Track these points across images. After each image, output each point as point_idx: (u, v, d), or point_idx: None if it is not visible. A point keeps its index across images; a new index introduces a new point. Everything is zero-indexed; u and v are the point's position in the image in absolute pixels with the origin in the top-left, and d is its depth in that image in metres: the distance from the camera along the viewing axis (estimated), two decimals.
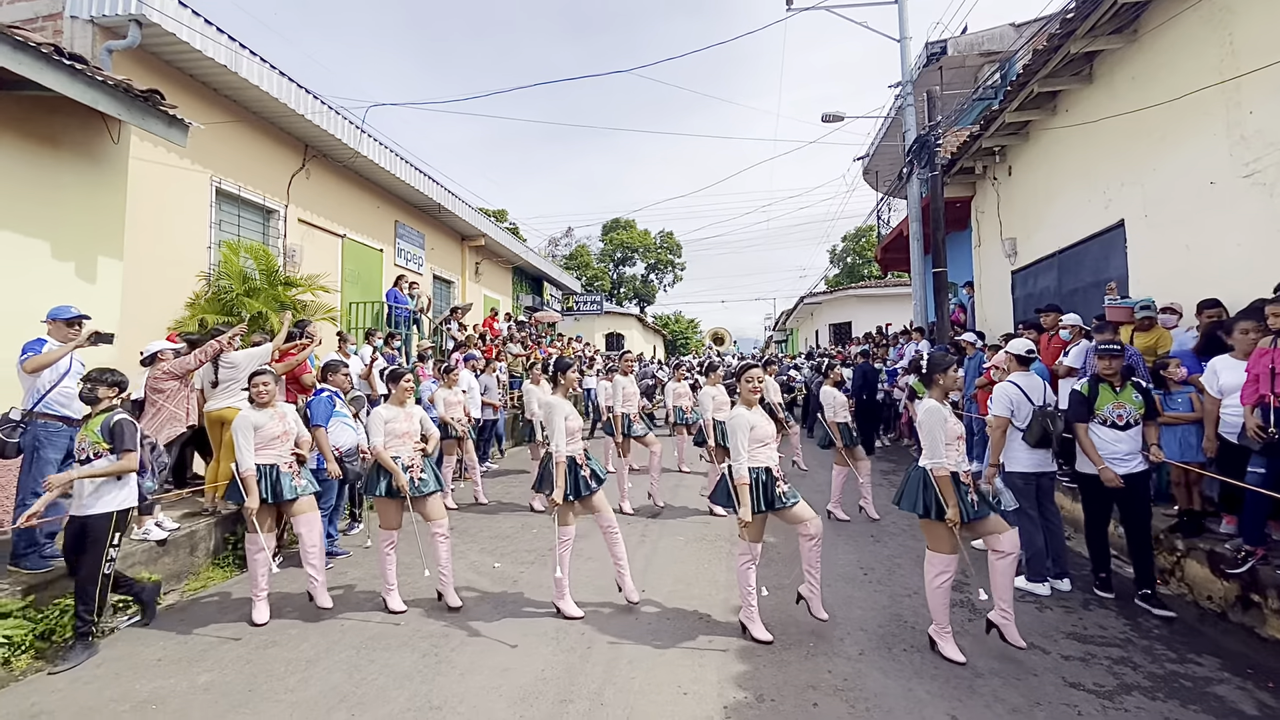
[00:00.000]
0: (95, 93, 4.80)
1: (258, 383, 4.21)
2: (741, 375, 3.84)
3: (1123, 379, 4.16)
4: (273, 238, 8.28)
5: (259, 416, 4.18)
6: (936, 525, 3.41)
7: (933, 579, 3.44)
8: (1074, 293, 7.75)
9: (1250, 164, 5.06)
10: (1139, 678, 3.20)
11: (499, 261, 16.56)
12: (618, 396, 7.03)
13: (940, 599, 3.43)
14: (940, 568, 3.42)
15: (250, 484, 4.02)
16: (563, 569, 4.02)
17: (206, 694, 3.18)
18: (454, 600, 4.19)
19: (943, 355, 3.72)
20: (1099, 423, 4.12)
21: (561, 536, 4.03)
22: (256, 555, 4.07)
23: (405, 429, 4.33)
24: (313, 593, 4.20)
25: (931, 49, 11.17)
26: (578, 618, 3.94)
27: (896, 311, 18.88)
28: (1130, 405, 4.08)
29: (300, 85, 7.81)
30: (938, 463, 3.39)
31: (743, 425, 3.66)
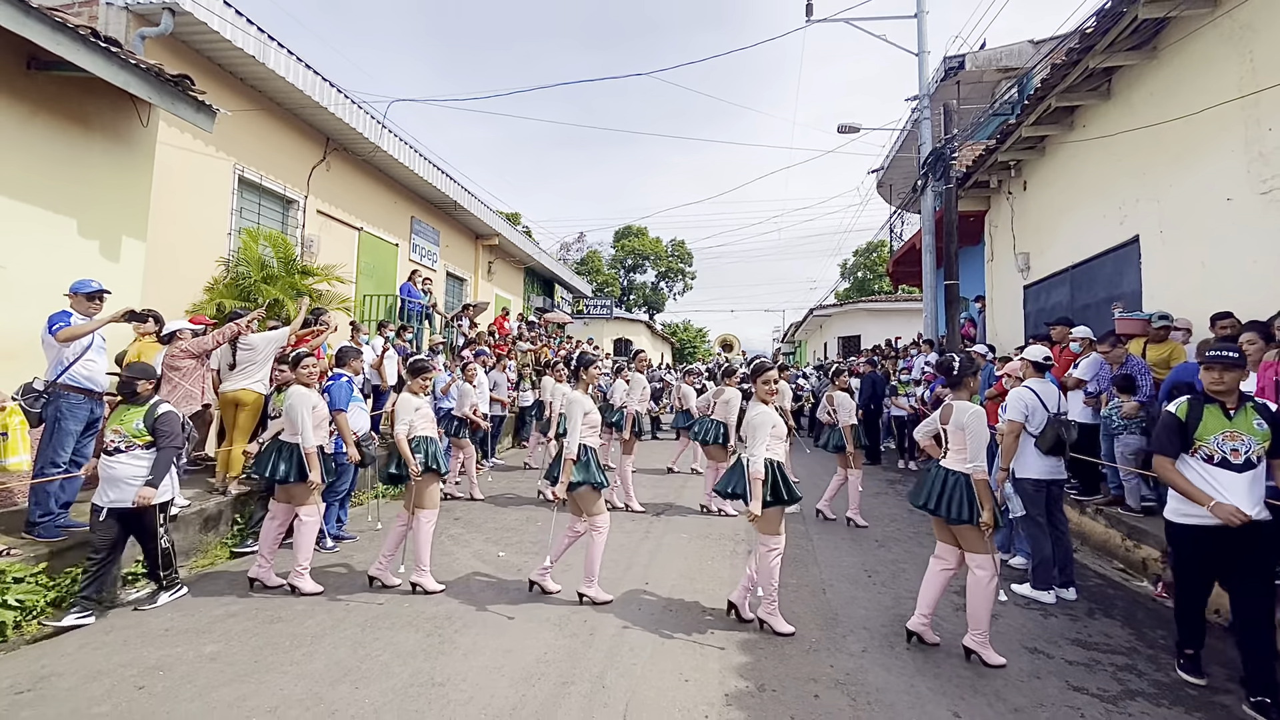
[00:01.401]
0: (128, 75, 4.91)
1: (307, 364, 4.41)
2: (758, 376, 3.86)
3: (1240, 399, 3.07)
4: (291, 227, 8.40)
5: (314, 396, 4.38)
6: (975, 529, 3.33)
7: (987, 585, 3.31)
8: (1086, 308, 7.73)
9: (1268, 180, 5.06)
10: (1144, 684, 3.18)
11: (511, 262, 16.67)
12: (635, 394, 7.06)
13: (990, 603, 3.33)
14: (991, 571, 3.32)
15: (314, 459, 4.21)
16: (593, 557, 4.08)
17: (213, 663, 3.21)
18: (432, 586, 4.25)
19: (971, 358, 3.70)
20: (1202, 458, 3.02)
21: (596, 526, 4.08)
22: (313, 527, 4.26)
23: (430, 413, 4.51)
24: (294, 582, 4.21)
25: (949, 63, 11.22)
26: (606, 601, 4.02)
27: (906, 325, 18.84)
28: (1250, 436, 2.96)
29: (325, 78, 7.95)
30: (979, 467, 3.34)
31: (766, 421, 3.66)
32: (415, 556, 4.23)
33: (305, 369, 4.39)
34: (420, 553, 4.22)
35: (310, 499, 4.27)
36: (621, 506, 6.61)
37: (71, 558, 3.97)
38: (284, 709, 2.79)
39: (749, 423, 3.76)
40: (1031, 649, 3.55)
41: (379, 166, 10.17)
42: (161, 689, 2.95)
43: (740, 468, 3.70)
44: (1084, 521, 5.64)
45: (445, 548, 5.21)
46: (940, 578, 3.54)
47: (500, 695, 2.93)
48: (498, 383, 8.77)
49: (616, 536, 5.57)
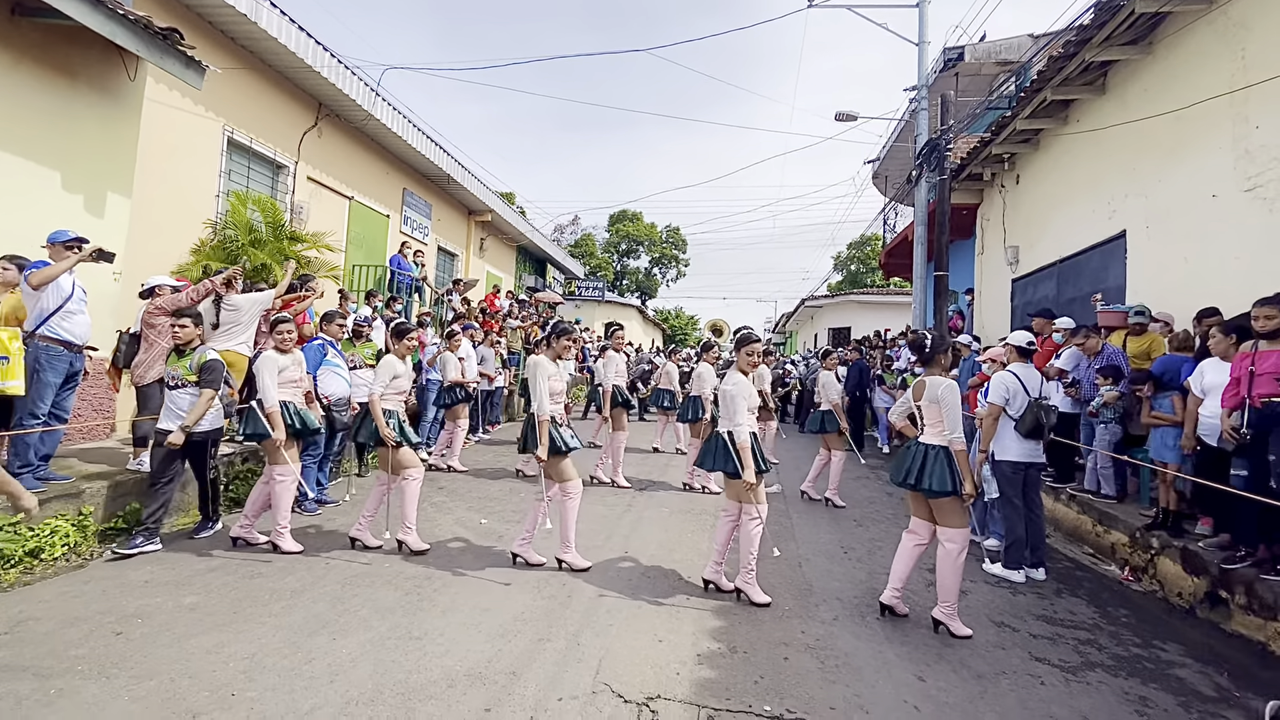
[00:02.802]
0: (115, 25, 4.82)
1: (282, 330, 4.45)
2: (742, 346, 3.88)
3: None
4: (281, 192, 8.30)
5: (283, 360, 4.41)
6: (955, 502, 3.41)
7: (957, 556, 3.40)
8: (1072, 302, 7.83)
9: (1253, 178, 5.13)
10: (1103, 657, 3.28)
11: (504, 239, 16.58)
12: (609, 371, 7.08)
13: (958, 576, 3.41)
14: (962, 544, 3.41)
15: (276, 418, 4.23)
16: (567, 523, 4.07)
17: (192, 613, 3.23)
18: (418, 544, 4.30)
19: (942, 336, 3.77)
20: None
21: (567, 492, 4.07)
22: (289, 485, 4.29)
23: (405, 385, 4.49)
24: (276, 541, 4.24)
25: (949, 54, 11.21)
26: (585, 568, 4.06)
27: (896, 318, 18.95)
28: None
29: (318, 41, 7.82)
30: (959, 438, 3.41)
31: (743, 391, 3.70)
32: (401, 514, 4.26)
33: (280, 334, 4.43)
34: (406, 510, 4.26)
35: (279, 458, 4.28)
36: (607, 481, 6.67)
37: (51, 509, 3.96)
38: (261, 656, 2.82)
39: (724, 393, 3.76)
40: (998, 623, 3.64)
41: (372, 135, 10.05)
42: (139, 635, 2.97)
43: (717, 442, 3.74)
44: (1057, 507, 5.76)
45: (428, 514, 5.24)
46: (913, 552, 3.61)
47: (476, 649, 2.97)
48: (485, 357, 8.77)
49: (598, 509, 5.64)
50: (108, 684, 2.55)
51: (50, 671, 2.62)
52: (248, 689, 2.56)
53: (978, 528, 5.28)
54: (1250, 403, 3.67)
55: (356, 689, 2.60)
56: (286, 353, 4.46)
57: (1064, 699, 2.86)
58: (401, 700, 2.53)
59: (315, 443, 5.24)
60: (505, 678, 2.74)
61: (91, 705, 2.41)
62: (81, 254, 4.22)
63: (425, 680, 2.69)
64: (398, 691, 2.59)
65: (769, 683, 2.82)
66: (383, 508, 4.36)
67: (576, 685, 2.71)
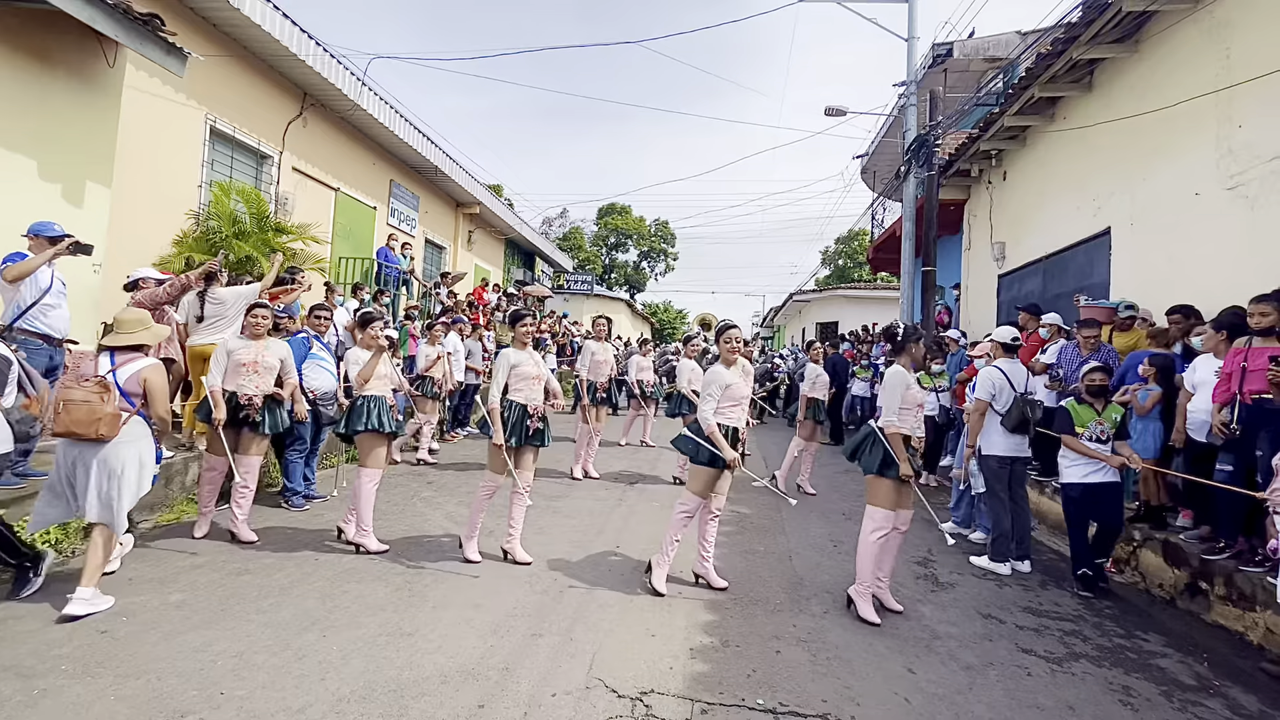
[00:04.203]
0: (93, 10, 4.69)
1: (256, 314, 4.37)
2: (720, 335, 3.84)
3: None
4: (265, 183, 8.17)
5: (236, 343, 4.34)
6: (881, 482, 3.55)
7: (869, 533, 3.54)
8: (1057, 298, 7.90)
9: (1236, 176, 5.20)
10: (1088, 648, 3.34)
11: (492, 232, 16.46)
12: (584, 361, 7.06)
13: (870, 554, 3.53)
14: (878, 523, 3.54)
15: (218, 398, 4.19)
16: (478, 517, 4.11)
17: (178, 610, 3.19)
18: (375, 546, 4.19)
19: (914, 328, 3.84)
20: None
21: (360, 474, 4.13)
22: (204, 473, 4.32)
23: (384, 371, 4.43)
24: (233, 529, 4.26)
25: (938, 50, 11.24)
26: (475, 561, 4.00)
27: (883, 313, 19.06)
28: None
29: (303, 29, 7.69)
30: (889, 421, 3.53)
31: (719, 380, 3.70)
32: (357, 517, 4.18)
33: (253, 318, 4.37)
34: (361, 513, 4.15)
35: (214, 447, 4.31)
36: (594, 476, 6.67)
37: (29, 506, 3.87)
38: (250, 653, 2.79)
39: (703, 380, 3.81)
40: (985, 614, 3.69)
41: (358, 126, 9.92)
42: (125, 633, 2.93)
43: (688, 430, 3.78)
44: (1042, 500, 5.84)
45: (417, 509, 5.22)
46: (893, 541, 3.65)
47: (468, 645, 2.96)
48: (472, 351, 8.71)
49: (588, 503, 5.65)
50: (93, 683, 2.51)
51: (33, 671, 2.57)
52: (237, 687, 2.53)
53: (966, 520, 5.36)
54: (1241, 399, 3.73)
55: (348, 686, 2.58)
56: (255, 339, 4.37)
57: (1050, 689, 2.90)
58: (394, 697, 2.51)
59: (301, 437, 5.18)
60: (498, 674, 2.73)
61: (76, 705, 2.37)
62: (58, 247, 4.13)
63: (417, 677, 2.67)
64: (390, 689, 2.57)
65: (761, 676, 2.84)
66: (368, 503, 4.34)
67: (570, 680, 2.71)
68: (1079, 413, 4.23)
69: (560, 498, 5.83)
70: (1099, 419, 4.17)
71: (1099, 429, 4.15)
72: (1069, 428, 4.25)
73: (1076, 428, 4.19)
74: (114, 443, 3.17)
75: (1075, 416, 4.22)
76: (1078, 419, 4.20)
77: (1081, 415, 4.21)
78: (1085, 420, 4.18)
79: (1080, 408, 4.25)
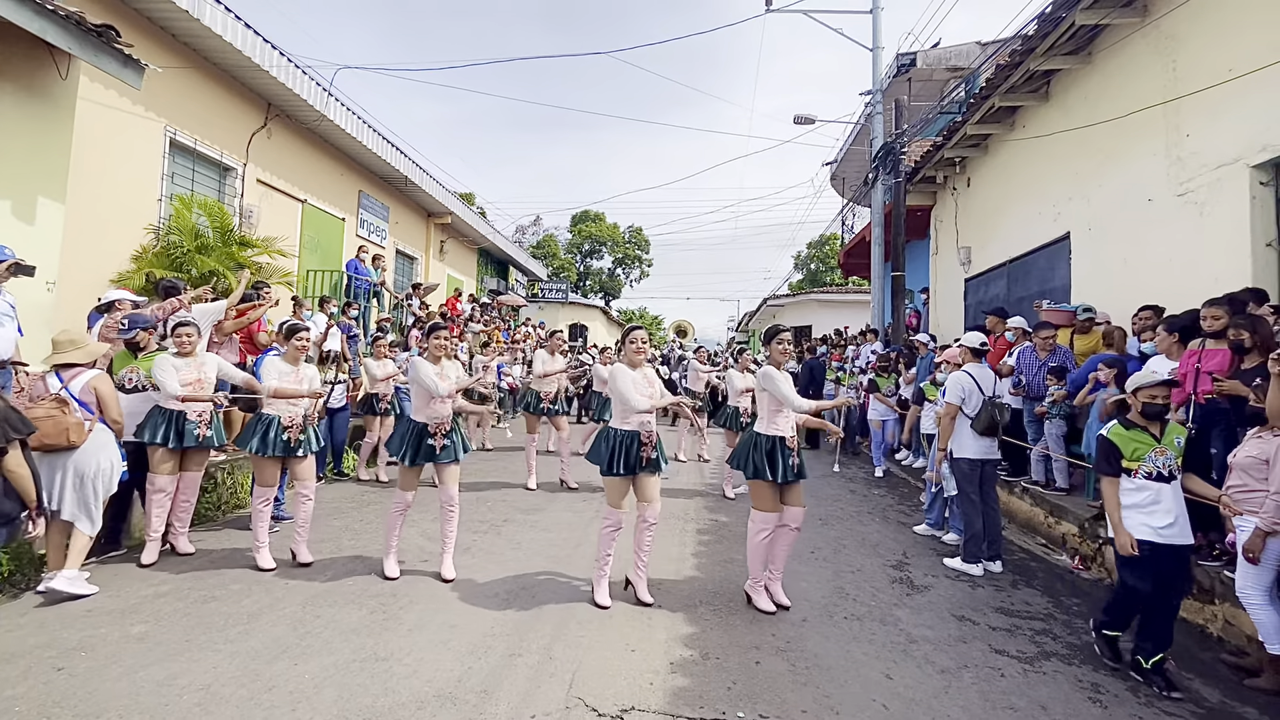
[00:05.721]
0: (44, 22, 4.54)
1: (181, 333, 4.36)
2: (625, 337, 3.92)
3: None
4: (229, 196, 7.98)
5: (178, 361, 4.32)
6: (761, 486, 3.66)
7: (754, 535, 3.67)
8: (1021, 300, 8.13)
9: (1185, 183, 5.42)
10: (1058, 646, 3.42)
11: (465, 242, 16.31)
12: (536, 369, 7.08)
13: (758, 554, 3.68)
14: (761, 524, 3.65)
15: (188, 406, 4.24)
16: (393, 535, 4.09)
17: (140, 643, 3.08)
18: (305, 556, 4.23)
19: (776, 327, 3.94)
20: None
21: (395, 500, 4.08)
22: (153, 496, 4.20)
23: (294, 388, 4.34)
24: (173, 541, 4.36)
25: (902, 60, 11.52)
26: (393, 579, 3.94)
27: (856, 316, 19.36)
28: None
29: (266, 39, 7.54)
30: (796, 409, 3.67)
31: (623, 382, 3.67)
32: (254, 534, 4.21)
33: (180, 336, 4.33)
34: (253, 530, 4.21)
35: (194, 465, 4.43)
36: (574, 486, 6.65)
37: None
38: (218, 686, 2.70)
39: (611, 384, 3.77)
40: (959, 617, 3.76)
41: (324, 136, 9.75)
42: (84, 669, 2.81)
43: (600, 435, 3.80)
44: (1011, 500, 5.98)
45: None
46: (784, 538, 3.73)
47: (445, 668, 2.91)
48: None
49: (565, 515, 5.61)
50: None
51: None
52: None
53: (939, 522, 5.45)
54: (1195, 399, 3.87)
55: (320, 716, 2.51)
56: (185, 356, 4.33)
57: (1023, 689, 2.96)
58: None
59: None
60: (476, 697, 2.69)
61: None
62: None
63: (393, 703, 2.62)
64: (364, 717, 2.52)
65: (741, 688, 2.85)
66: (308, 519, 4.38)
67: (550, 701, 2.68)
68: (1129, 441, 3.17)
69: (536, 510, 5.79)
70: (1159, 446, 3.13)
71: (1162, 460, 3.11)
72: (1114, 462, 3.18)
73: (1127, 461, 3.14)
74: (83, 449, 3.57)
75: (1123, 446, 3.17)
76: (1128, 450, 3.15)
77: (1133, 444, 3.15)
78: (1140, 451, 3.13)
79: (1129, 433, 3.18)
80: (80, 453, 3.58)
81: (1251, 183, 4.80)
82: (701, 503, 6.34)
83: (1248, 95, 4.76)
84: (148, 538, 4.21)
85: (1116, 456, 3.17)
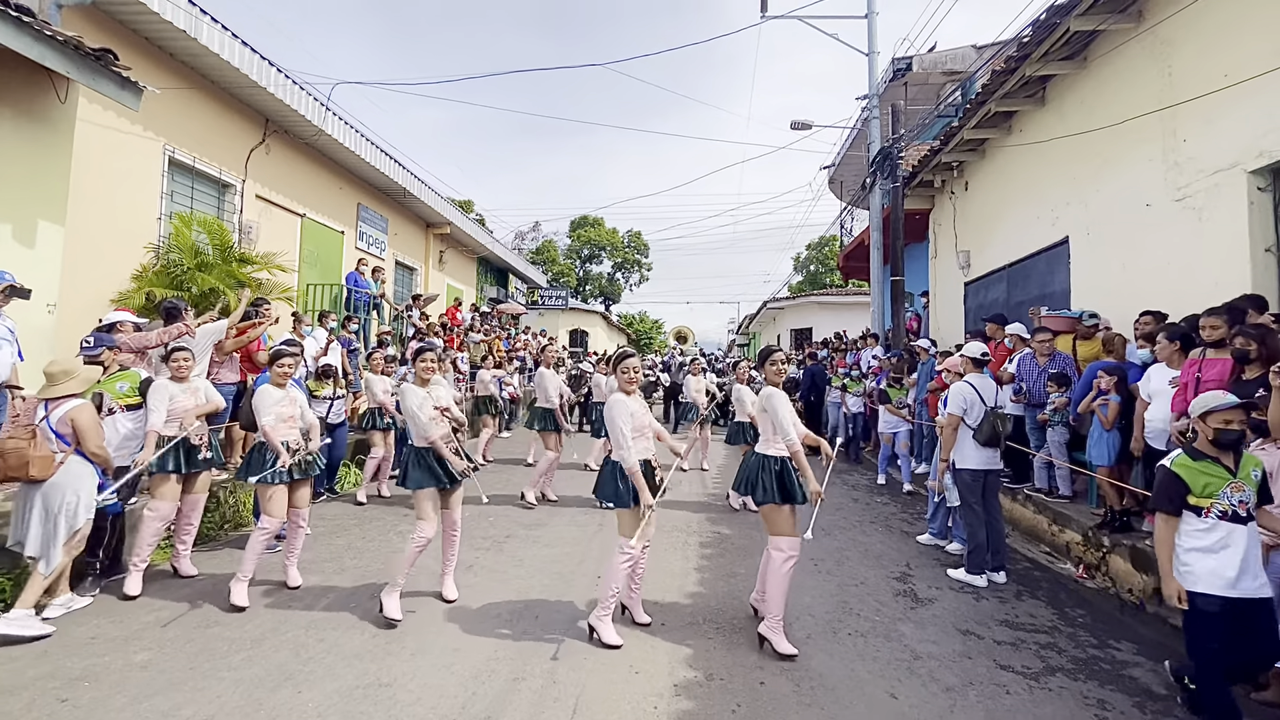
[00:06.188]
0: (43, 48, 4.57)
1: (177, 358, 4.36)
2: (617, 366, 3.72)
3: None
4: (228, 213, 8.00)
5: (174, 388, 4.32)
6: (777, 510, 3.45)
7: (781, 565, 3.39)
8: (1021, 305, 8.11)
9: (1182, 189, 5.41)
10: (1063, 660, 3.40)
11: (464, 251, 16.35)
12: (541, 389, 7.04)
13: (784, 586, 3.39)
14: (789, 551, 3.41)
15: (151, 441, 4.08)
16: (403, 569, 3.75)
17: (144, 672, 3.08)
18: (296, 579, 4.20)
19: (769, 348, 3.76)
20: None
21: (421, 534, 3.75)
22: (153, 523, 4.13)
23: (289, 413, 4.28)
24: (176, 564, 4.36)
25: (898, 65, 11.54)
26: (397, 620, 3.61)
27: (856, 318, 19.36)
28: None
29: (263, 56, 7.58)
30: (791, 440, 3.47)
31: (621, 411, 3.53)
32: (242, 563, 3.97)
33: (176, 362, 4.34)
34: (243, 559, 3.96)
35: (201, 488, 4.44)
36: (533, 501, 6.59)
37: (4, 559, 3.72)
38: (221, 717, 2.70)
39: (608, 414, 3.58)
40: (964, 631, 3.74)
41: (323, 150, 9.79)
42: (88, 700, 2.81)
43: (610, 471, 3.57)
44: (1014, 508, 5.96)
45: (394, 545, 5.12)
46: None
47: (449, 694, 2.91)
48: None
49: (569, 530, 5.60)
50: None
51: None
52: None
53: (942, 532, 5.44)
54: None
55: None
56: (181, 381, 4.34)
57: (1028, 707, 2.95)
58: None
59: None
60: None
61: None
62: None
63: None
64: None
65: (746, 711, 2.84)
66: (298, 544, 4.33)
67: None
68: (1199, 474, 2.74)
69: (539, 525, 5.78)
70: (1234, 480, 2.72)
71: (1237, 497, 2.69)
72: (1176, 499, 2.77)
73: (1195, 498, 2.73)
74: (50, 483, 3.47)
75: (1191, 481, 2.74)
76: (1197, 485, 2.73)
77: (1204, 478, 2.73)
78: (1213, 486, 2.70)
79: (1198, 465, 2.76)
80: (49, 486, 3.46)
81: (1249, 188, 4.80)
82: (703, 514, 6.33)
83: (1244, 101, 4.76)
84: (133, 565, 4.06)
85: (1181, 492, 2.75)
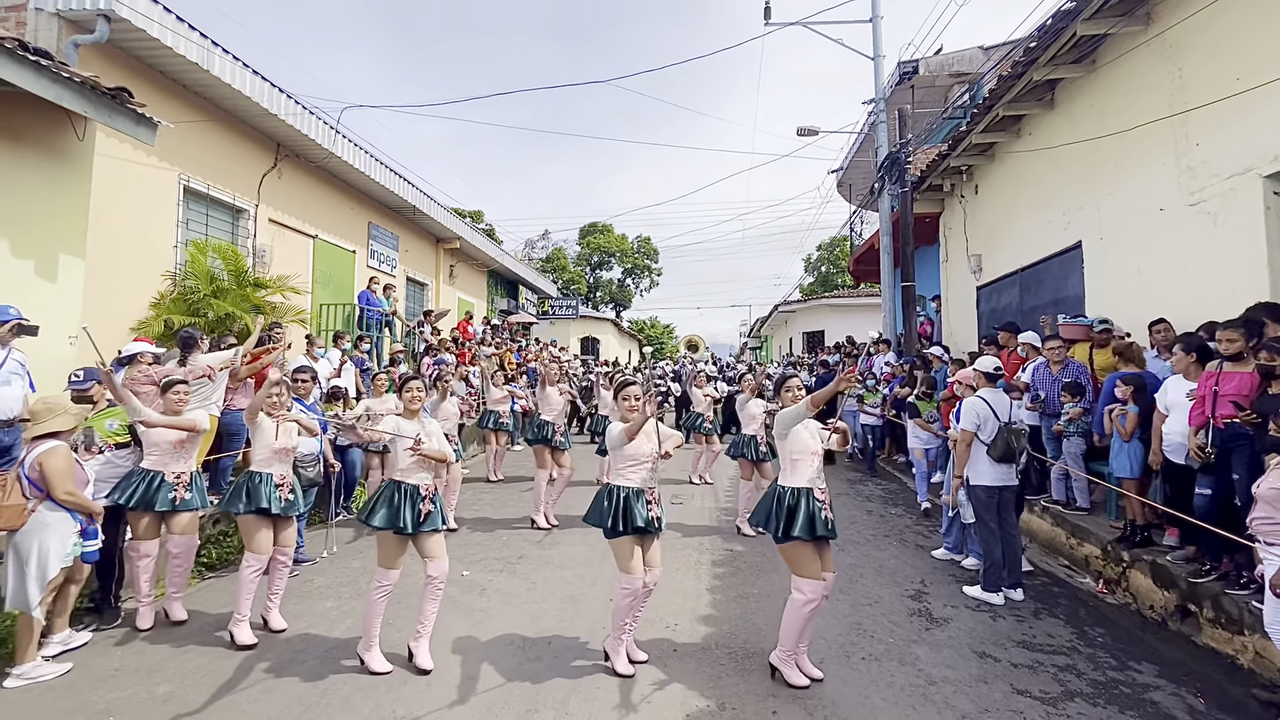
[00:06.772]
0: (60, 89, 4.70)
1: (178, 390, 4.26)
2: (618, 392, 3.68)
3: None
4: (242, 237, 8.14)
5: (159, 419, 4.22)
6: (799, 548, 3.25)
7: (800, 606, 3.20)
8: (1034, 309, 8.03)
9: (1196, 193, 5.33)
10: (1082, 685, 3.35)
11: (474, 264, 16.47)
12: (545, 404, 7.03)
13: (798, 626, 3.23)
14: (810, 594, 3.19)
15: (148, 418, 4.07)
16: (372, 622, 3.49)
17: (166, 704, 3.13)
18: (278, 623, 4.01)
19: (785, 374, 3.63)
20: None
21: (378, 580, 3.48)
22: (138, 561, 4.08)
23: (283, 444, 4.19)
24: (167, 607, 4.17)
25: (904, 68, 11.47)
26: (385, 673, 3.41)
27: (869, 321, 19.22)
28: None
29: (274, 84, 7.71)
30: None
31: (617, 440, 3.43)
32: (235, 602, 3.85)
33: (174, 395, 4.24)
34: (236, 598, 3.84)
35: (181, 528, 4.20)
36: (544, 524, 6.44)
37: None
38: None
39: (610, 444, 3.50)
40: (980, 653, 3.70)
41: (333, 172, 9.92)
42: None
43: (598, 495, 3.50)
44: (1032, 519, 5.88)
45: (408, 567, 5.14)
46: None
47: None
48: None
49: (580, 550, 5.61)
50: None
51: None
52: None
53: (957, 547, 5.38)
54: (1215, 422, 3.79)
55: None
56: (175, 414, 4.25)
57: None
58: None
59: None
60: None
61: None
62: None
63: None
64: None
65: None
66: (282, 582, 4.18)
67: None
68: None
69: (552, 545, 5.80)
70: None
71: None
72: None
73: None
74: (22, 531, 3.37)
75: None
76: None
77: None
78: None
79: None
80: (20, 535, 3.35)
81: (1265, 193, 4.71)
82: (715, 531, 6.31)
83: (1258, 105, 4.68)
84: (139, 603, 4.07)
85: None
